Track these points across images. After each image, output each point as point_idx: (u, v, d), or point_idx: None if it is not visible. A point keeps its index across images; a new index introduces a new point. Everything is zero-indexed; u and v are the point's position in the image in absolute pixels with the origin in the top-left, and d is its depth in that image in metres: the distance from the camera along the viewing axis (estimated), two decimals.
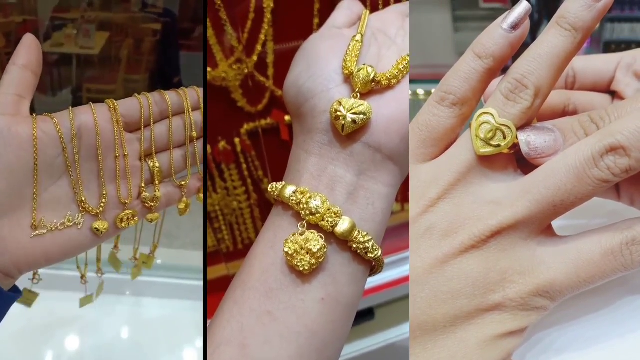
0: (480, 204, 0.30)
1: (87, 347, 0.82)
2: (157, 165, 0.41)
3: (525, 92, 0.30)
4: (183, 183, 0.43)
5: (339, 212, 0.33)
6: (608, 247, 0.29)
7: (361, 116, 0.33)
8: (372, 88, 0.34)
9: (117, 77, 1.62)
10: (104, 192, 0.39)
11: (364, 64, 0.35)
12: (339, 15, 0.42)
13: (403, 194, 0.76)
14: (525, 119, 0.31)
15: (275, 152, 0.65)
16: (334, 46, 0.38)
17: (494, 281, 0.30)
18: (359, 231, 0.33)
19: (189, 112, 0.42)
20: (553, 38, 0.30)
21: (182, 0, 1.52)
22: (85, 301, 0.51)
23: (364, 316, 0.76)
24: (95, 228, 0.39)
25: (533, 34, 0.37)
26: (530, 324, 0.30)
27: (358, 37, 0.38)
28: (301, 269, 0.32)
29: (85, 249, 0.40)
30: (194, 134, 0.42)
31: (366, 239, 0.33)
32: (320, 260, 0.32)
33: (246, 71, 0.60)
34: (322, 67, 0.36)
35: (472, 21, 1.58)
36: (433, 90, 0.33)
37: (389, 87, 0.35)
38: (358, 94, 0.34)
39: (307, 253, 0.32)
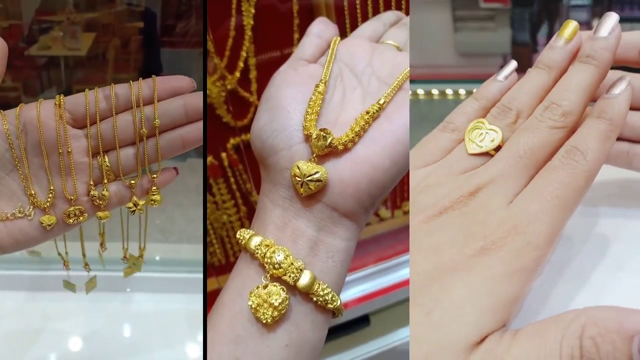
0: (458, 175, 0.35)
1: (86, 345, 0.82)
2: (106, 163, 0.41)
3: (509, 112, 0.37)
4: (133, 182, 0.42)
5: (301, 266, 0.34)
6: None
7: (317, 183, 0.35)
8: (329, 152, 0.36)
9: (106, 77, 1.60)
10: (52, 187, 0.40)
11: (321, 130, 0.35)
12: (308, 45, 0.42)
13: (392, 202, 0.76)
14: (509, 131, 0.36)
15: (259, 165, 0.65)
16: (297, 95, 0.38)
17: (474, 231, 0.32)
18: (319, 284, 0.34)
19: (137, 106, 0.40)
20: (534, 76, 0.38)
21: None
22: (67, 285, 0.51)
23: (360, 323, 0.76)
24: (41, 222, 0.40)
25: (533, 35, 0.42)
26: (518, 266, 0.30)
27: (321, 88, 0.38)
28: (264, 321, 0.33)
29: (38, 242, 0.41)
30: (144, 131, 0.40)
31: (326, 291, 0.34)
32: (283, 312, 0.33)
33: (229, 87, 0.60)
34: (283, 123, 0.37)
35: (472, 21, 1.56)
36: (433, 90, 0.41)
37: (346, 150, 0.36)
38: (315, 158, 0.36)
39: (270, 306, 0.33)
